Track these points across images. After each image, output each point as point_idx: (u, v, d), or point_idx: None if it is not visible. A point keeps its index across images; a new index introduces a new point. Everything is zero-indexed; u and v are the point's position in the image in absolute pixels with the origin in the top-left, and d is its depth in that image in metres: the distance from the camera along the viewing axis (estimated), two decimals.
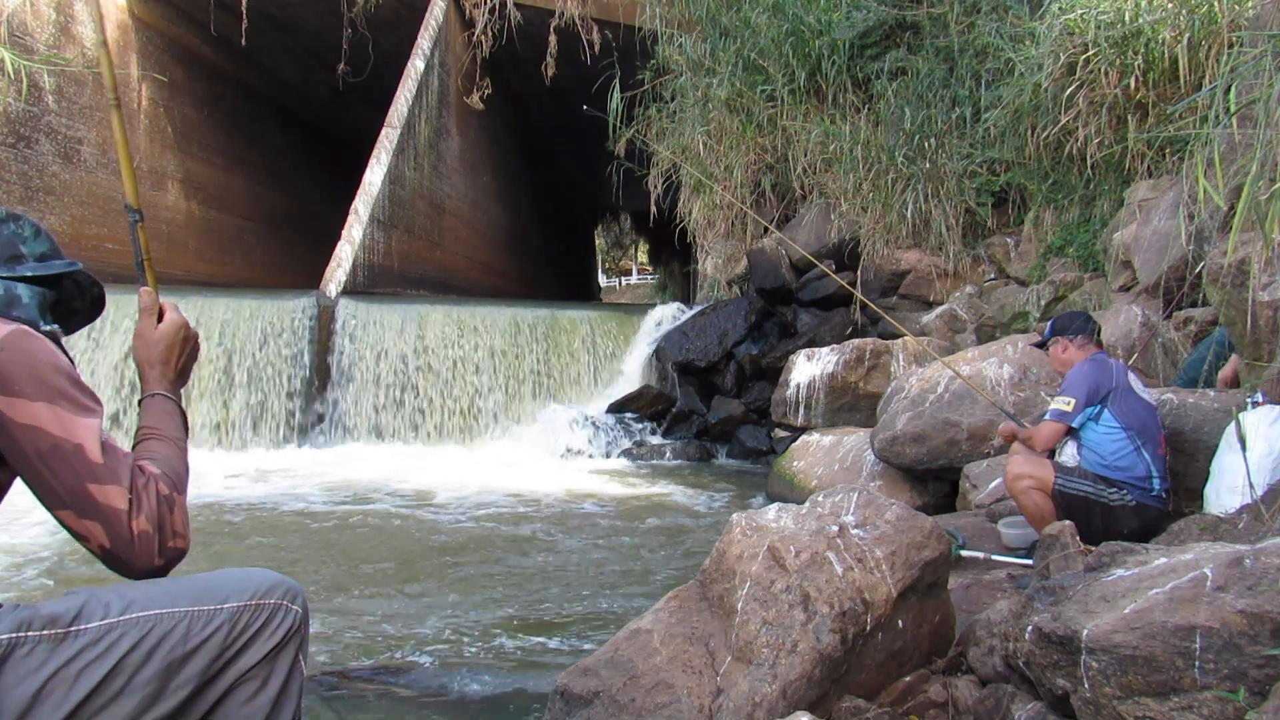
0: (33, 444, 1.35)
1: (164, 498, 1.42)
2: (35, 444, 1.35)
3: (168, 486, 1.44)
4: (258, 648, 1.50)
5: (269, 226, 16.35)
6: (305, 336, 8.61)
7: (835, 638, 2.14)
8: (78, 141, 11.06)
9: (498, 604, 3.97)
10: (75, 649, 1.35)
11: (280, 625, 1.53)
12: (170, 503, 1.43)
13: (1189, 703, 1.68)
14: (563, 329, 9.37)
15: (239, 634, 1.49)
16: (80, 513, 1.36)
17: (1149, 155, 6.60)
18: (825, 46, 9.31)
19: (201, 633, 1.45)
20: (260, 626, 1.51)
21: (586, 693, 2.23)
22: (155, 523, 1.40)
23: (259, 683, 1.51)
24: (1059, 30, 6.92)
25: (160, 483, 1.43)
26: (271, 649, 1.51)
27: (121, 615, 1.40)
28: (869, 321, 8.64)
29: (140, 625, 1.41)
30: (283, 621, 1.53)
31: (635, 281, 41.53)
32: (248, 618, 1.50)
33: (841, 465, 6.04)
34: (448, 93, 12.28)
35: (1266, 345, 3.42)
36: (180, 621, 1.44)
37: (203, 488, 6.45)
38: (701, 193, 10.14)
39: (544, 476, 7.25)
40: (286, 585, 1.58)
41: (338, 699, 2.88)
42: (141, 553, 1.39)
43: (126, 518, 1.37)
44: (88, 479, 1.36)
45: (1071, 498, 3.41)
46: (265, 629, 1.51)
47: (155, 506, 1.40)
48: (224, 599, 1.49)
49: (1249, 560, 1.80)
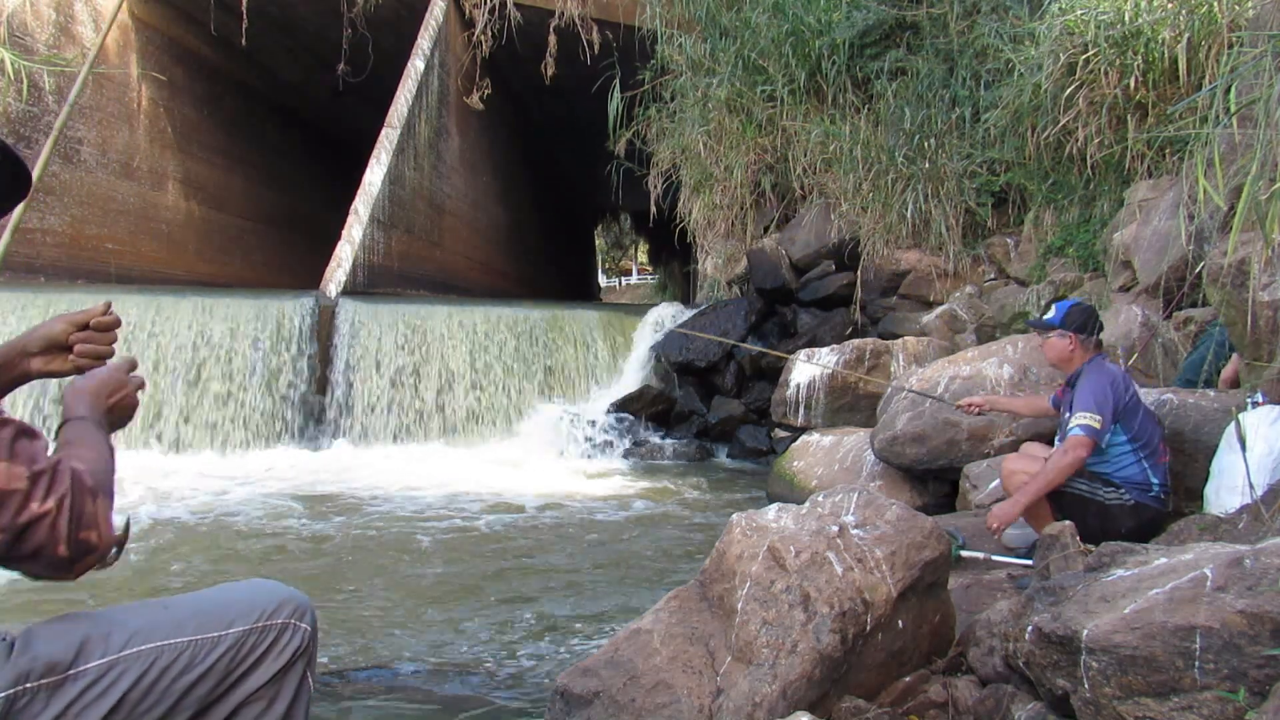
0: None
1: (84, 487, 1.29)
2: None
3: (90, 480, 1.31)
4: (264, 669, 1.47)
5: (269, 226, 16.35)
6: (305, 337, 8.60)
7: (835, 638, 2.14)
8: (78, 141, 11.06)
9: (498, 604, 3.97)
10: (76, 692, 1.31)
11: (288, 645, 1.49)
12: (91, 493, 1.29)
13: (1189, 703, 1.68)
14: (563, 329, 9.37)
15: (244, 657, 1.45)
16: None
17: (1149, 155, 6.60)
18: (825, 46, 9.31)
19: (205, 660, 1.41)
20: (267, 648, 1.47)
21: (586, 693, 2.23)
22: (65, 507, 1.25)
23: (266, 703, 1.48)
24: (1059, 30, 6.92)
25: (83, 474, 1.30)
26: (279, 670, 1.48)
27: (122, 651, 1.36)
28: (869, 321, 8.65)
29: (142, 660, 1.36)
30: (290, 641, 1.50)
31: (635, 281, 41.53)
32: (254, 640, 1.46)
33: (841, 465, 6.03)
34: (448, 93, 12.28)
35: (1266, 345, 3.42)
36: (183, 652, 1.39)
37: (200, 490, 6.45)
38: (701, 193, 10.14)
39: (544, 477, 7.25)
40: (295, 602, 1.53)
41: (337, 700, 2.88)
42: (43, 538, 1.24)
43: (23, 498, 1.22)
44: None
45: (1068, 495, 3.40)
46: (272, 650, 1.48)
47: (68, 489, 1.26)
48: (229, 623, 1.45)
49: (1249, 560, 1.80)
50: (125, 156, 12.07)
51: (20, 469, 1.24)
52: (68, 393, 1.52)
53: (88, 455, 1.38)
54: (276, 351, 8.46)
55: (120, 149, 11.96)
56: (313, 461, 7.77)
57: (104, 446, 1.45)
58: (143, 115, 12.46)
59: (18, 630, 1.36)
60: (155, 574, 4.36)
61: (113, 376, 1.56)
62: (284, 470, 7.33)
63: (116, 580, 4.21)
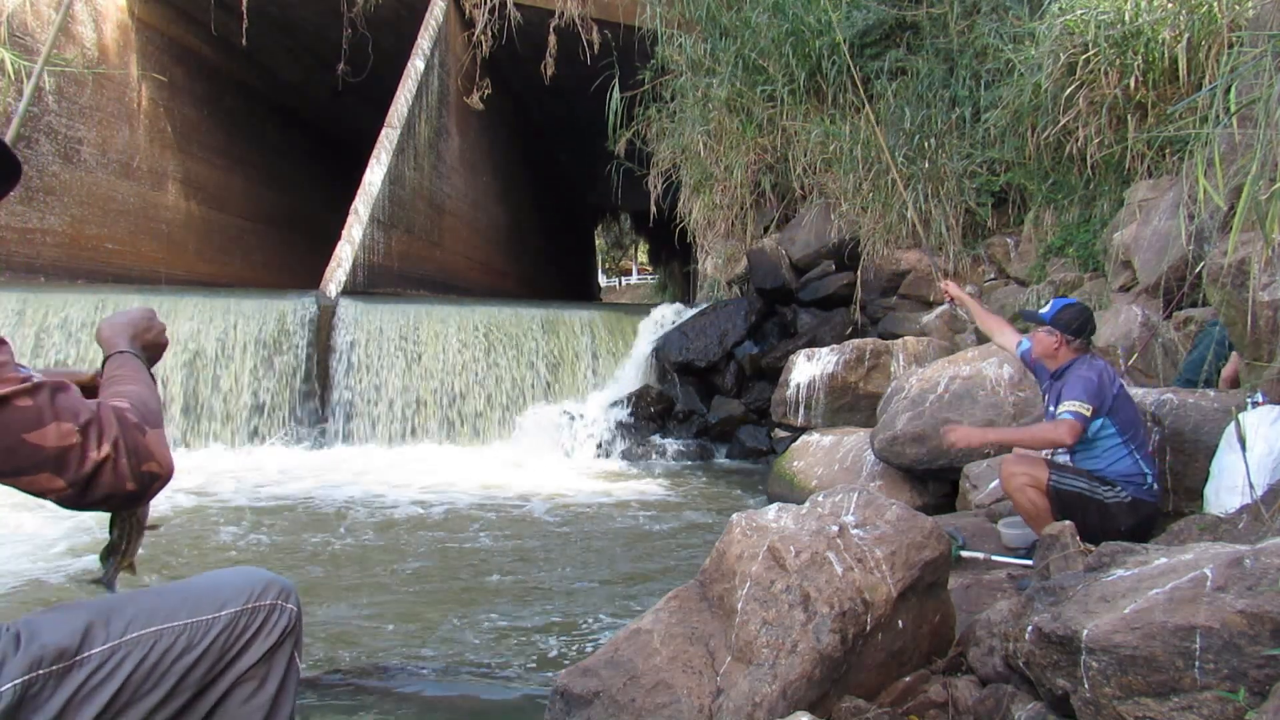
0: None
1: (131, 424, 1.33)
2: None
3: (135, 415, 1.35)
4: (256, 649, 1.53)
5: (269, 226, 16.35)
6: (305, 337, 8.61)
7: (835, 638, 2.14)
8: (78, 141, 11.06)
9: (496, 604, 3.97)
10: (83, 676, 1.36)
11: (276, 625, 1.56)
12: (139, 428, 1.34)
13: (1189, 703, 1.69)
14: (563, 329, 9.37)
15: (237, 637, 1.51)
16: (21, 470, 1.25)
17: (1149, 155, 6.60)
18: (825, 46, 9.31)
19: (202, 642, 1.47)
20: (258, 628, 1.54)
21: (586, 693, 2.23)
22: (121, 448, 1.30)
23: (257, 682, 1.54)
24: (1059, 30, 6.92)
25: (126, 412, 1.34)
26: (269, 649, 1.55)
27: (123, 636, 1.41)
28: (869, 321, 8.65)
29: (142, 644, 1.42)
30: (278, 621, 1.56)
31: (635, 281, 41.52)
32: (245, 621, 1.52)
33: (841, 465, 6.03)
34: (448, 93, 12.28)
35: (1266, 345, 3.43)
36: (180, 635, 1.46)
37: (200, 490, 6.45)
38: (701, 193, 10.14)
39: (544, 477, 7.25)
40: (280, 585, 1.60)
41: (337, 699, 2.88)
42: (109, 481, 1.30)
43: (80, 450, 1.27)
44: (21, 429, 1.24)
45: (1067, 495, 3.41)
46: (262, 630, 1.54)
47: (119, 431, 1.31)
48: (221, 605, 1.51)
49: (1249, 560, 1.80)
50: (125, 156, 12.08)
51: (68, 425, 1.28)
52: (105, 329, 1.60)
53: (130, 390, 1.44)
54: (276, 351, 8.47)
55: (120, 149, 11.96)
56: (312, 461, 7.77)
57: (147, 378, 1.52)
58: (143, 115, 12.46)
59: (15, 621, 1.38)
60: (152, 570, 4.36)
61: (143, 314, 1.65)
62: (283, 470, 7.33)
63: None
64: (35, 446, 1.25)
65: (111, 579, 1.65)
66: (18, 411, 1.24)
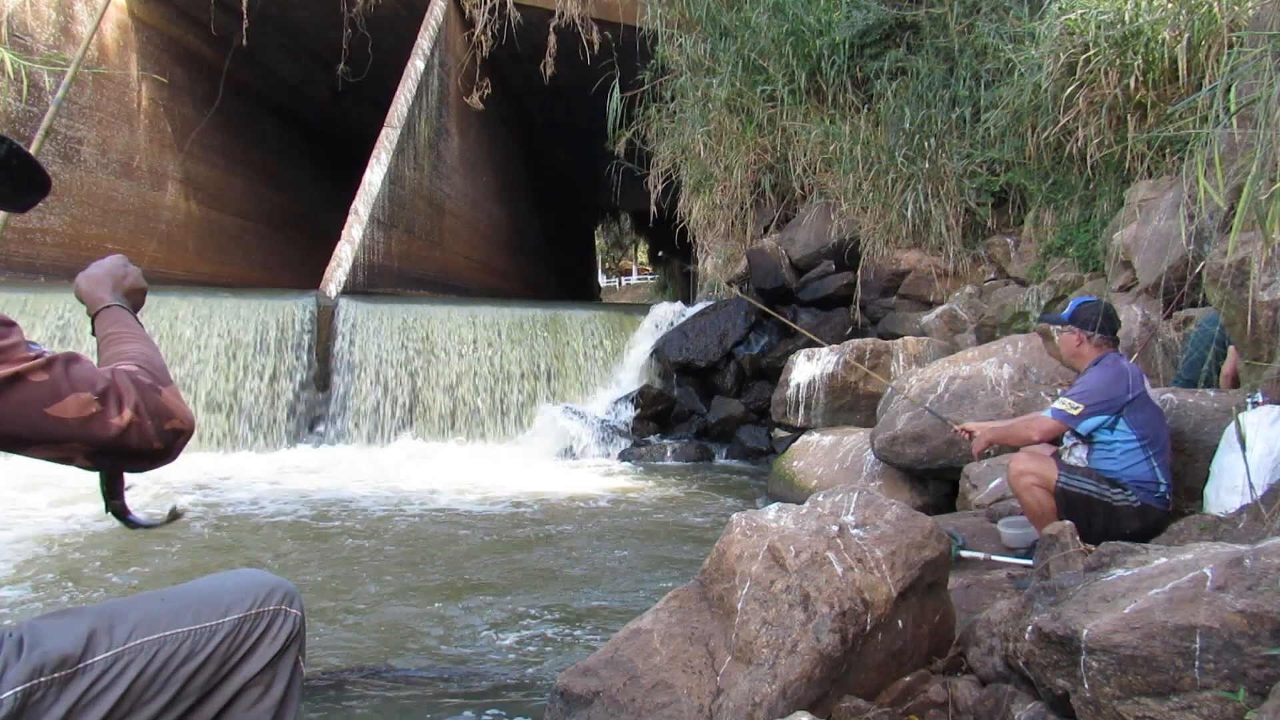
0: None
1: (146, 385, 1.34)
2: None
3: (147, 376, 1.36)
4: (260, 655, 1.52)
5: (269, 226, 16.34)
6: (305, 337, 8.61)
7: (835, 638, 2.14)
8: (78, 142, 11.06)
9: (497, 604, 3.97)
10: (86, 683, 1.35)
11: (281, 631, 1.54)
12: (153, 388, 1.35)
13: (1189, 703, 1.68)
14: (563, 329, 9.37)
15: (241, 643, 1.50)
16: (48, 441, 1.27)
17: (1149, 155, 6.60)
18: (825, 46, 9.31)
19: (205, 648, 1.46)
20: (261, 634, 1.52)
21: (586, 693, 2.23)
22: (142, 410, 1.31)
23: (263, 688, 1.52)
24: (1059, 30, 6.92)
25: (138, 374, 1.35)
26: (274, 655, 1.53)
27: (126, 643, 1.40)
28: (869, 321, 8.64)
29: (145, 651, 1.41)
30: (283, 627, 1.55)
31: (635, 281, 41.52)
32: (249, 627, 1.51)
33: (841, 465, 6.03)
34: (448, 93, 12.28)
35: (1266, 345, 3.42)
36: (184, 641, 1.44)
37: (200, 490, 6.45)
38: (701, 193, 10.14)
39: (544, 477, 7.25)
40: (284, 589, 1.58)
41: (337, 699, 2.88)
42: (135, 442, 1.31)
43: (102, 418, 1.28)
44: (41, 403, 1.25)
45: (1074, 496, 3.40)
46: (266, 636, 1.53)
47: (137, 395, 1.32)
48: (225, 611, 1.50)
49: (1249, 560, 1.80)
50: (125, 156, 12.08)
51: (86, 394, 1.28)
52: (83, 283, 1.58)
53: (133, 349, 1.44)
54: (277, 352, 8.47)
55: (120, 149, 11.96)
56: (312, 461, 7.77)
57: (143, 332, 1.52)
58: (143, 115, 12.46)
59: (17, 625, 1.37)
60: (154, 574, 4.36)
61: (116, 261, 1.63)
62: (284, 470, 7.33)
63: (116, 579, 4.21)
64: (58, 419, 1.26)
65: (138, 517, 1.63)
66: (35, 387, 1.25)
